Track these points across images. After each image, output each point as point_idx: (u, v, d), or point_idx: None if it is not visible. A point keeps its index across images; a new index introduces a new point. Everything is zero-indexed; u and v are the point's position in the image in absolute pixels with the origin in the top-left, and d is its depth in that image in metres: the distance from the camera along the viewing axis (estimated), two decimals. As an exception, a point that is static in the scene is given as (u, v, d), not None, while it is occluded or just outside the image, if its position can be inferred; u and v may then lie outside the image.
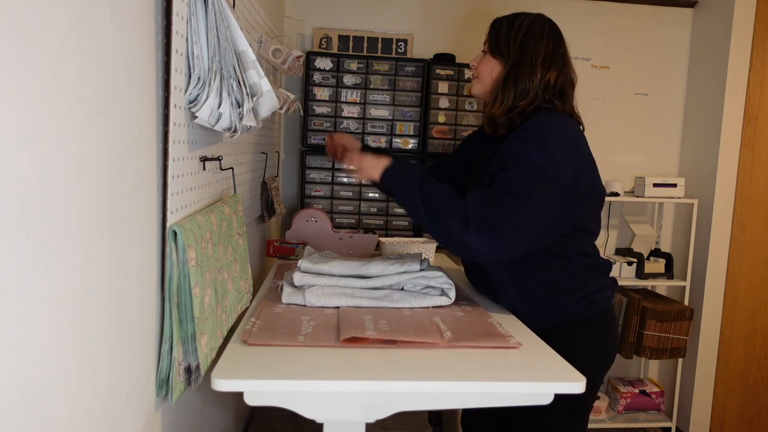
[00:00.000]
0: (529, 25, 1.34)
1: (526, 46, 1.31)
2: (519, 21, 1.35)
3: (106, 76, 0.70)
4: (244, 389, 0.89)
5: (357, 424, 0.96)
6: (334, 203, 2.42)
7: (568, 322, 1.33)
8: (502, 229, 1.16)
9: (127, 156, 0.78)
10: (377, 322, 1.13)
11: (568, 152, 1.23)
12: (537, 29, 1.33)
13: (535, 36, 1.32)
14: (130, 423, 0.83)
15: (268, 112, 1.15)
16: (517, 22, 1.35)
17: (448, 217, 1.20)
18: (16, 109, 0.52)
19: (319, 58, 2.34)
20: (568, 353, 1.08)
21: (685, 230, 2.69)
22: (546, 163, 1.19)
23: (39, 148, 0.56)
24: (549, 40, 1.33)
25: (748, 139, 2.53)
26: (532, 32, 1.32)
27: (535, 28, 1.33)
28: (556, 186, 1.19)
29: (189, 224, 0.92)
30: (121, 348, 0.79)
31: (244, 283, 1.28)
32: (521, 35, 1.32)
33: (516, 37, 1.33)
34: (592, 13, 2.66)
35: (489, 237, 1.16)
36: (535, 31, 1.33)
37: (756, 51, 2.48)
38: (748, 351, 2.65)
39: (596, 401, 2.65)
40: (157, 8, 0.87)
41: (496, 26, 1.38)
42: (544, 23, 1.35)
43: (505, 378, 0.94)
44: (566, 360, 1.04)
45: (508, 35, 1.33)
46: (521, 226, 1.16)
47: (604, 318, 1.38)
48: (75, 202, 0.64)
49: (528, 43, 1.32)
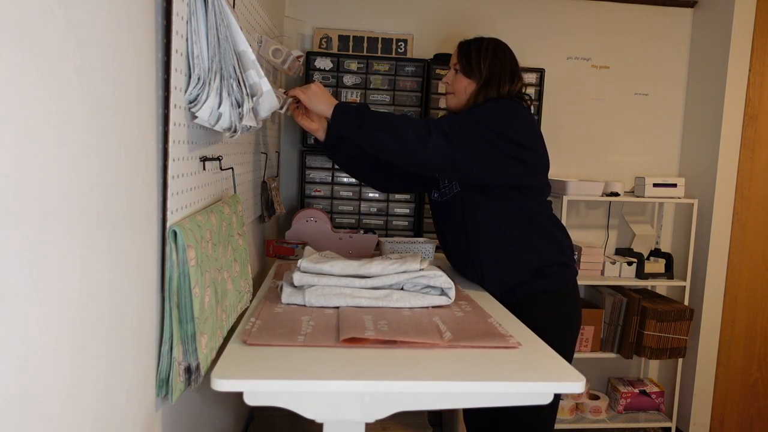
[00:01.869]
0: (493, 48, 1.62)
1: (493, 67, 1.60)
2: (484, 46, 1.62)
3: (106, 76, 0.70)
4: (244, 389, 0.89)
5: (357, 424, 0.96)
6: (334, 203, 2.42)
7: (539, 291, 1.56)
8: (454, 130, 1.45)
9: (127, 156, 0.78)
10: (377, 323, 1.13)
11: (512, 114, 1.53)
12: (500, 52, 1.62)
13: (500, 58, 1.61)
14: (130, 423, 0.83)
15: (268, 112, 1.15)
16: (482, 47, 1.62)
17: (410, 126, 1.45)
18: (16, 109, 0.52)
19: (319, 58, 2.34)
20: (540, 322, 1.35)
21: (685, 230, 2.69)
22: (490, 114, 1.51)
23: (39, 148, 0.56)
24: (509, 59, 1.63)
25: (748, 140, 2.53)
26: (497, 55, 1.61)
27: (498, 51, 1.62)
28: (497, 127, 1.48)
29: (189, 224, 0.92)
30: (121, 348, 0.79)
31: (244, 283, 1.28)
32: (489, 58, 1.60)
33: (485, 60, 1.60)
34: (592, 13, 2.66)
35: (445, 137, 1.44)
36: (499, 53, 1.62)
37: (756, 51, 2.48)
38: (748, 351, 2.65)
39: (596, 401, 2.65)
40: (157, 8, 0.87)
41: (465, 50, 1.63)
42: (504, 46, 1.64)
43: (505, 378, 0.94)
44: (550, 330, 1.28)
45: (478, 58, 1.61)
46: (472, 136, 1.46)
47: (571, 288, 1.62)
48: (75, 202, 0.64)
49: (495, 65, 1.60)
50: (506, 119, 1.51)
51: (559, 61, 2.66)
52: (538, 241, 1.57)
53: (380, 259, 1.40)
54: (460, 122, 1.48)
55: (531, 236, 1.57)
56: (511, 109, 1.54)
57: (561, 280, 1.59)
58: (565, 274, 1.59)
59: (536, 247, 1.57)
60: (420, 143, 1.43)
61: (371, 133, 1.46)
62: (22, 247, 0.54)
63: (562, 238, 1.62)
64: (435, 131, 1.43)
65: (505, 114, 1.52)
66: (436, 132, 1.43)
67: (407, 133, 1.43)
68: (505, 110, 1.53)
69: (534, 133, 1.57)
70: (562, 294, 1.59)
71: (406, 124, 1.46)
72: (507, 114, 1.52)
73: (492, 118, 1.49)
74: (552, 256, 1.58)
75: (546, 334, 1.21)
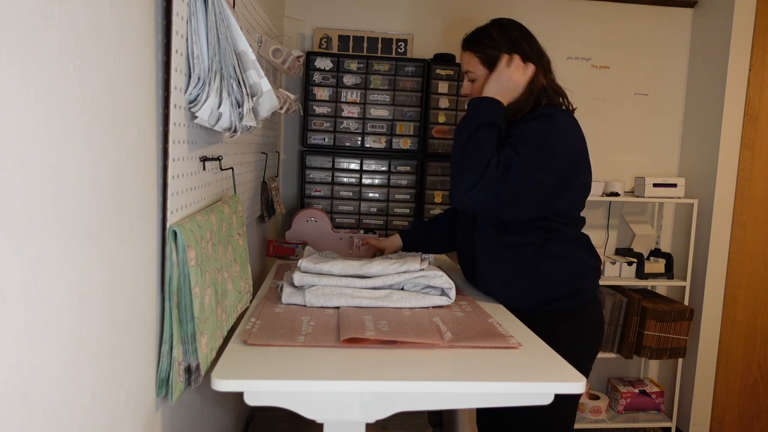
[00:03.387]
0: (497, 24, 1.44)
1: (509, 41, 1.40)
2: (488, 28, 1.44)
3: (106, 76, 0.70)
4: (244, 389, 0.89)
5: (357, 424, 0.96)
6: (334, 203, 2.41)
7: (559, 309, 1.40)
8: (503, 187, 1.28)
9: (127, 156, 0.77)
10: (377, 323, 1.13)
11: (571, 139, 1.35)
12: (503, 25, 1.44)
13: (507, 29, 1.43)
14: (130, 423, 0.83)
15: (268, 112, 1.15)
16: (487, 30, 1.44)
17: (470, 165, 1.31)
18: (16, 109, 0.52)
19: (319, 58, 2.34)
20: (558, 339, 1.19)
21: (685, 230, 2.69)
22: (550, 142, 1.31)
23: (39, 148, 0.56)
24: (516, 29, 1.44)
25: (748, 139, 2.53)
26: (503, 28, 1.43)
27: (502, 25, 1.44)
28: (555, 161, 1.30)
29: (189, 224, 0.92)
30: (121, 348, 0.79)
31: (244, 283, 1.28)
32: (499, 35, 1.41)
33: (499, 38, 1.41)
34: (592, 13, 2.66)
35: (492, 192, 1.28)
36: (504, 26, 1.44)
37: (756, 51, 2.48)
38: (748, 351, 2.65)
39: (596, 401, 2.65)
40: (157, 8, 0.87)
41: (474, 45, 1.44)
42: (503, 20, 1.46)
43: (506, 378, 0.94)
44: (557, 346, 1.10)
45: (492, 45, 1.41)
46: (521, 186, 1.28)
47: (592, 306, 1.46)
48: (75, 202, 0.64)
49: (508, 38, 1.41)
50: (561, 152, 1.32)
51: (559, 61, 2.64)
52: (553, 271, 1.40)
53: (380, 259, 1.40)
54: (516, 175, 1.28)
55: (546, 266, 1.40)
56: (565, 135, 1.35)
57: (573, 301, 1.42)
58: (579, 297, 1.42)
59: (550, 276, 1.40)
60: (468, 191, 1.31)
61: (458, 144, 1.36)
62: (22, 247, 0.54)
63: (584, 260, 1.45)
64: (482, 185, 1.29)
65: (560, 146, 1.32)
66: (482, 187, 1.29)
67: (467, 173, 1.31)
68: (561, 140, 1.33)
69: (584, 154, 1.40)
70: (576, 314, 1.42)
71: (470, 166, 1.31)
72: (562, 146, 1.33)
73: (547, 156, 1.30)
74: (568, 284, 1.41)
75: None
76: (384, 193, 2.43)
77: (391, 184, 2.43)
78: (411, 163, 2.42)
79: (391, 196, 2.43)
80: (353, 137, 2.38)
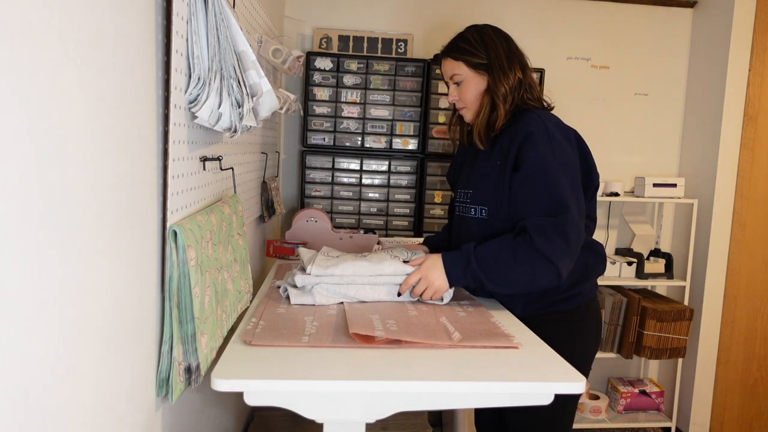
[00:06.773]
0: (476, 30, 1.42)
1: (490, 49, 1.39)
2: (467, 33, 1.43)
3: (107, 77, 0.70)
4: (244, 389, 0.89)
5: (357, 424, 0.96)
6: (334, 203, 2.42)
7: (559, 310, 1.40)
8: (572, 247, 1.26)
9: (128, 156, 0.78)
10: (385, 322, 1.14)
11: (573, 147, 1.36)
12: (483, 32, 1.42)
13: (489, 36, 1.41)
14: (130, 423, 0.83)
15: (268, 112, 1.15)
16: (467, 35, 1.43)
17: (534, 267, 1.25)
18: (17, 109, 0.52)
19: (319, 58, 2.34)
20: (558, 339, 1.19)
21: (685, 230, 2.69)
22: (564, 160, 1.31)
23: (39, 148, 0.56)
24: (496, 37, 1.42)
25: (748, 139, 2.53)
26: (483, 35, 1.41)
27: (482, 32, 1.42)
28: (577, 178, 1.33)
29: (189, 224, 0.92)
30: (121, 348, 0.79)
31: (244, 283, 1.28)
32: (480, 40, 1.40)
33: (478, 43, 1.40)
34: (592, 13, 2.66)
35: (570, 261, 1.27)
36: (484, 34, 1.41)
37: (756, 51, 2.48)
38: (748, 351, 2.65)
39: (596, 401, 2.65)
40: (157, 8, 0.87)
41: (456, 51, 1.42)
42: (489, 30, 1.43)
43: (506, 378, 0.94)
44: (557, 346, 1.10)
45: (472, 46, 1.40)
46: (578, 234, 1.28)
47: (592, 306, 1.46)
48: (75, 202, 0.64)
49: (491, 46, 1.39)
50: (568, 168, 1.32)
51: (559, 61, 2.65)
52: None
53: (389, 256, 1.37)
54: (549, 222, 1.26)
55: None
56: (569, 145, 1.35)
57: (573, 302, 1.40)
58: (579, 298, 1.41)
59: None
60: (554, 276, 1.26)
61: (506, 283, 1.29)
62: (22, 247, 0.54)
63: (592, 266, 1.43)
64: (559, 265, 1.24)
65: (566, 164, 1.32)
66: (560, 266, 1.25)
67: (541, 275, 1.26)
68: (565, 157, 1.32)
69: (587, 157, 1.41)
70: (576, 314, 1.41)
71: (535, 267, 1.25)
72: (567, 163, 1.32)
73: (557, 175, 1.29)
74: (570, 287, 1.39)
75: None
76: (384, 193, 2.43)
77: (391, 184, 2.43)
78: (411, 163, 2.42)
79: (391, 196, 2.43)
80: (353, 137, 2.39)
